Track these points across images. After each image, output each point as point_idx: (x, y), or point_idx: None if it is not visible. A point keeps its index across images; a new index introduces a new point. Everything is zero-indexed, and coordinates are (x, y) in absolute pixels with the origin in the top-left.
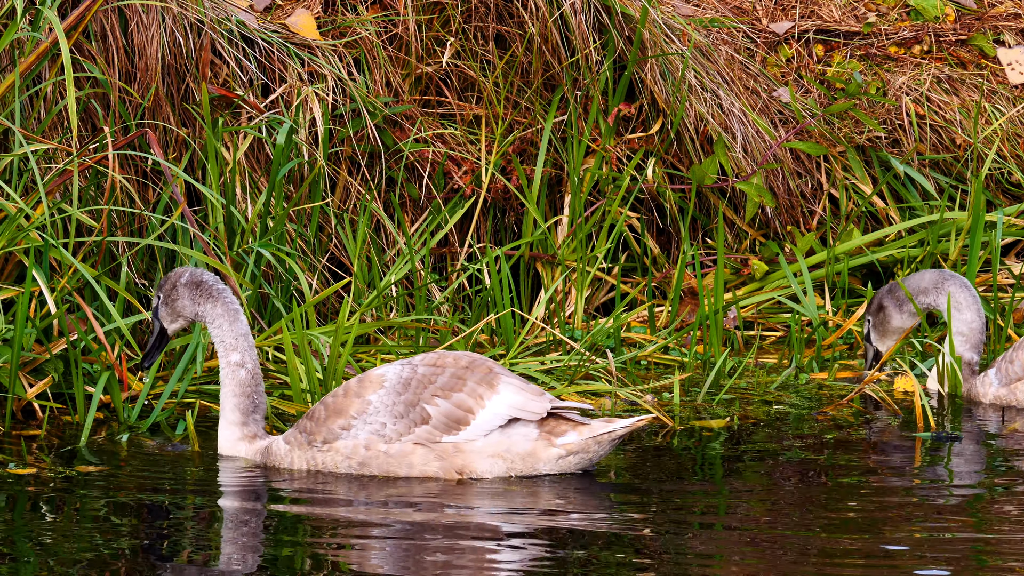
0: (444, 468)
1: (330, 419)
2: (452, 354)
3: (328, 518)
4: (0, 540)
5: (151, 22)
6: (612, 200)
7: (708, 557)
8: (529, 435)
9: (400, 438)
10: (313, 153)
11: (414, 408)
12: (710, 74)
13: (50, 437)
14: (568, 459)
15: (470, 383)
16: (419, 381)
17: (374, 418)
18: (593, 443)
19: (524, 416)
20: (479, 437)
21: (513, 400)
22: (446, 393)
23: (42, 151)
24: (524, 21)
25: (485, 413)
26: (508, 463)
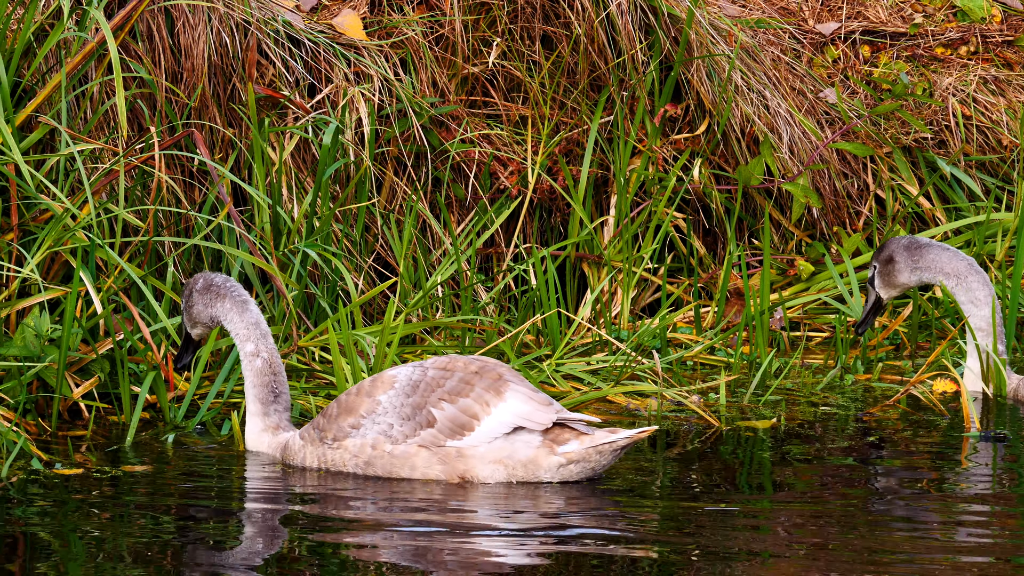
0: (446, 472)
1: (341, 417)
2: (464, 359)
3: (340, 517)
4: (47, 540)
5: (198, 22)
6: (658, 200)
7: (754, 555)
8: (531, 442)
9: (406, 440)
10: (359, 153)
11: (421, 411)
12: (756, 75)
13: (96, 437)
14: (569, 468)
15: (478, 389)
16: (427, 384)
17: (382, 418)
18: (594, 452)
19: (529, 426)
20: (482, 443)
21: (519, 409)
22: (453, 398)
23: (88, 151)
24: (570, 22)
25: (490, 420)
26: (509, 470)
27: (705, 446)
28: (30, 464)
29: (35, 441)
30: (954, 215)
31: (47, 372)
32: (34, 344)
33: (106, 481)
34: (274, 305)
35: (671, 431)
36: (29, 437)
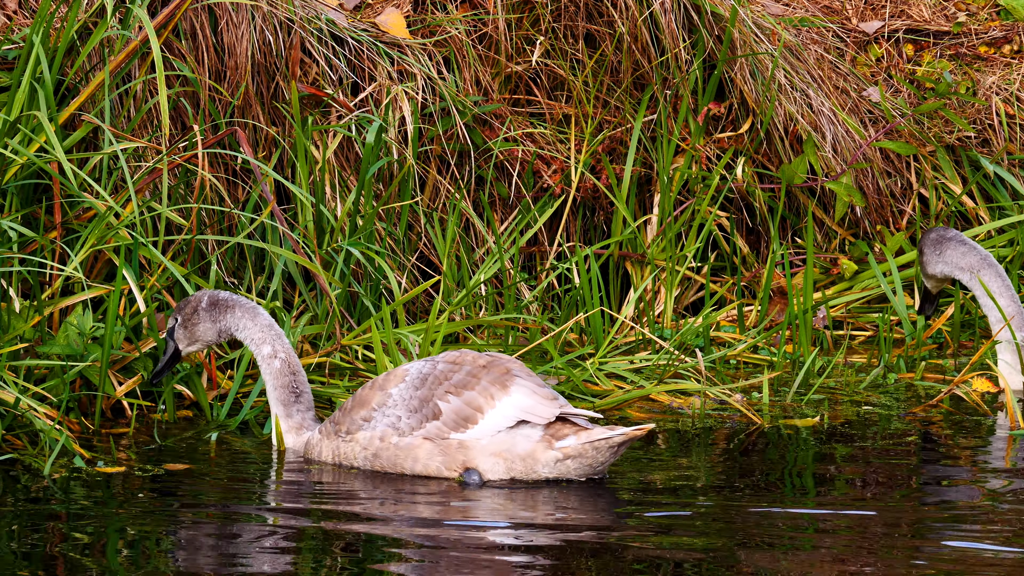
0: (447, 464)
1: (354, 410)
2: (473, 353)
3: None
4: (89, 538)
5: (241, 20)
6: (702, 199)
7: (798, 550)
8: (531, 436)
9: (412, 432)
10: (403, 152)
11: (427, 403)
12: (800, 73)
13: (139, 435)
14: (566, 463)
15: (483, 382)
16: (435, 377)
17: (392, 411)
18: (591, 448)
19: (532, 419)
20: (485, 436)
21: (523, 403)
22: (458, 390)
23: (132, 149)
24: (614, 20)
25: (494, 413)
26: (508, 463)
27: (747, 444)
28: (72, 462)
29: (77, 439)
30: (997, 214)
31: (90, 370)
32: (77, 342)
33: (148, 479)
34: (317, 304)
35: (714, 429)
36: (72, 435)
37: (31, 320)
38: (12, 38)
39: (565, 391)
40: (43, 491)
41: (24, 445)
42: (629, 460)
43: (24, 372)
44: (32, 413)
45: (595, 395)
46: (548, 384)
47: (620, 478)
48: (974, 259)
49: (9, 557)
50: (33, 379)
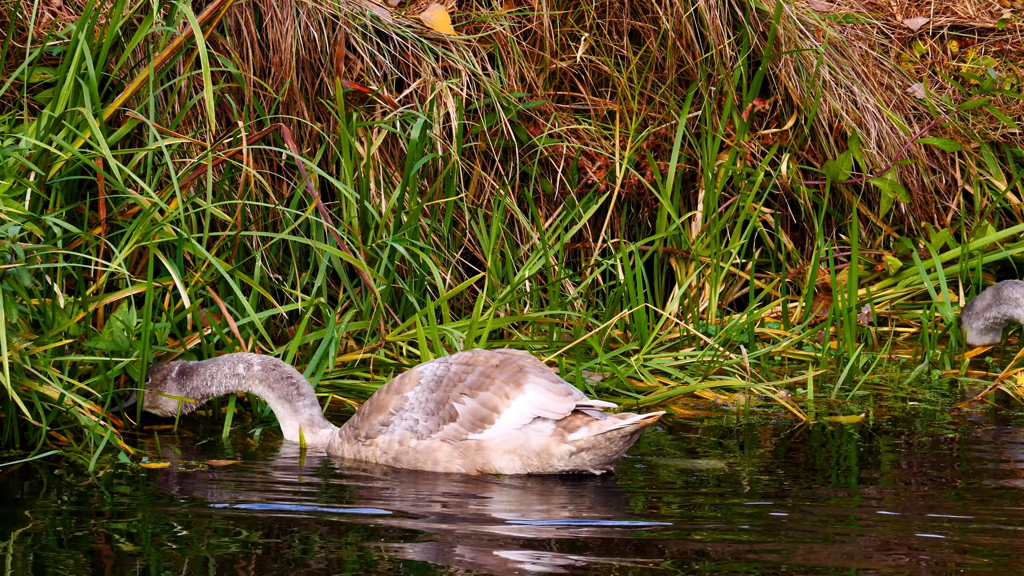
0: (466, 465)
1: (372, 415)
2: (486, 352)
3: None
4: (133, 534)
5: (285, 17)
6: (746, 196)
7: (842, 546)
8: (544, 431)
9: (430, 434)
10: (447, 148)
11: (444, 406)
12: (844, 70)
13: (183, 431)
14: (581, 455)
15: (497, 381)
16: (450, 379)
17: (409, 414)
18: (603, 439)
19: (547, 415)
20: (501, 435)
21: (538, 400)
22: (473, 391)
23: (176, 145)
24: (658, 17)
25: (510, 412)
26: (524, 460)
27: (792, 441)
28: (117, 458)
29: (122, 435)
30: None
31: (134, 366)
32: (122, 338)
33: (192, 475)
34: (362, 300)
35: (758, 425)
36: (116, 431)
37: (76, 316)
38: (57, 34)
39: (610, 387)
40: (88, 487)
41: (69, 441)
42: (674, 455)
43: (69, 368)
44: (77, 409)
45: (639, 391)
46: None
47: (664, 471)
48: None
49: (54, 553)
50: (78, 375)
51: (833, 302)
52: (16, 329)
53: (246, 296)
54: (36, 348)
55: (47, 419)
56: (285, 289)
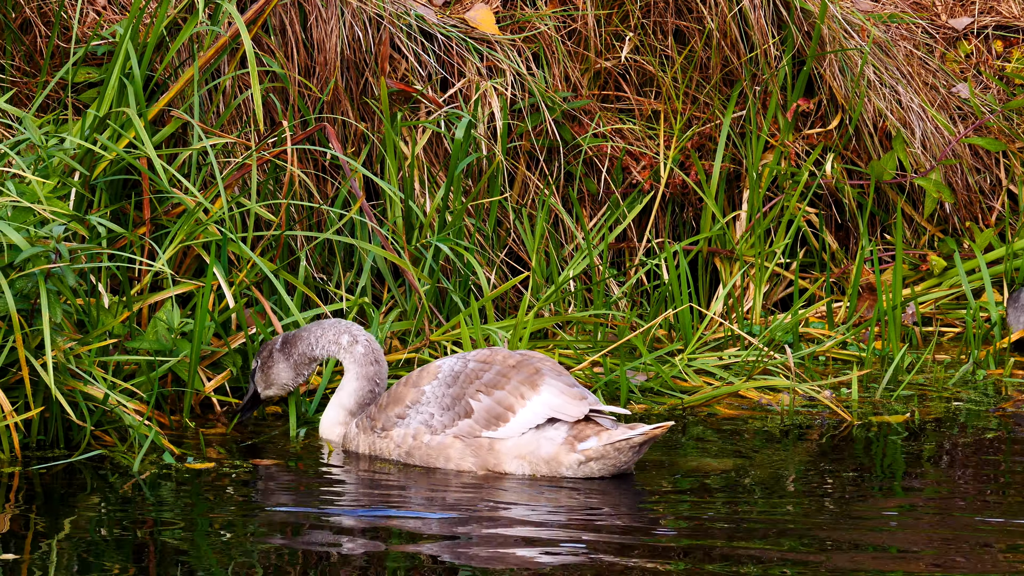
0: (477, 464)
1: (389, 407)
2: (504, 351)
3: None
4: (178, 534)
5: (330, 16)
6: (790, 195)
7: (883, 550)
8: (555, 439)
9: (444, 430)
10: (492, 148)
11: (460, 401)
12: (889, 69)
13: (227, 431)
14: (590, 465)
15: (514, 381)
16: (467, 376)
17: (425, 408)
18: (612, 449)
19: (561, 417)
20: (515, 435)
21: (552, 401)
22: (489, 389)
23: (221, 145)
24: (703, 16)
25: (525, 412)
26: (533, 466)
27: (837, 441)
28: (162, 458)
29: (166, 435)
30: None
31: (179, 366)
32: (166, 338)
33: (237, 475)
34: (406, 300)
35: (803, 425)
36: (161, 431)
37: (120, 316)
38: (102, 34)
39: (654, 387)
40: (132, 487)
41: (113, 441)
42: (719, 456)
43: (113, 368)
44: (121, 409)
45: (684, 391)
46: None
47: (710, 475)
48: None
49: (98, 553)
50: (122, 375)
51: (877, 302)
52: (61, 329)
53: (290, 296)
54: (80, 348)
55: (91, 419)
56: (329, 289)
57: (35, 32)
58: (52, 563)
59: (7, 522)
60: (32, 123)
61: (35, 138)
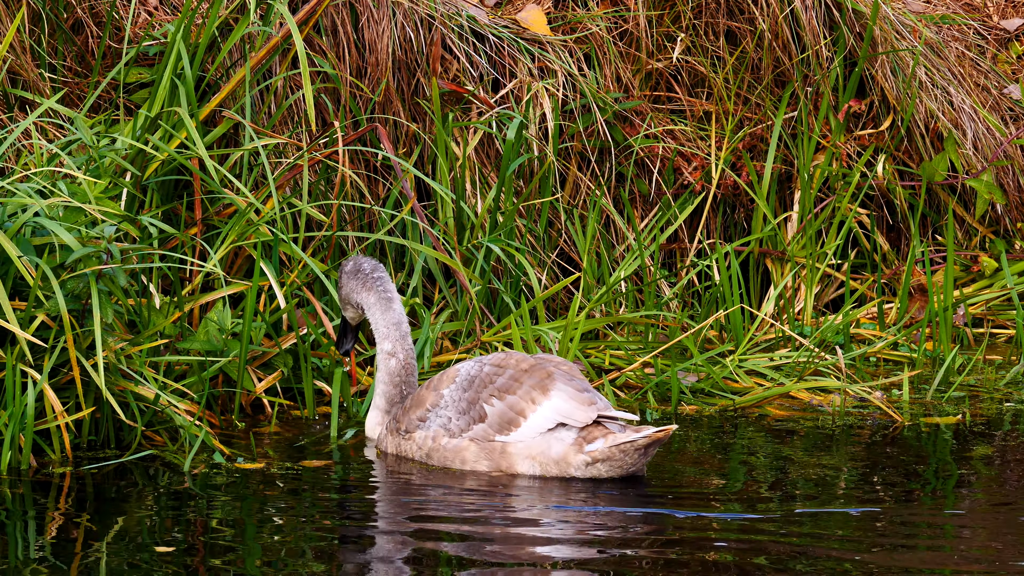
0: (490, 466)
1: (412, 410)
2: (517, 355)
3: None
4: (228, 533)
5: (382, 17)
6: (842, 196)
7: (938, 550)
8: (564, 440)
9: (461, 433)
10: (543, 148)
11: (475, 406)
12: (940, 71)
13: (280, 432)
14: (596, 466)
15: (525, 386)
16: (481, 380)
17: (443, 412)
18: (618, 451)
19: (569, 423)
20: (525, 439)
21: (562, 407)
22: (502, 394)
23: (272, 146)
24: (754, 17)
25: (535, 417)
26: (543, 466)
27: (887, 443)
28: (212, 458)
29: (217, 435)
30: None
31: (230, 367)
32: (217, 339)
33: (286, 476)
34: (457, 300)
35: (854, 426)
36: (211, 431)
37: (171, 316)
38: (154, 34)
39: (705, 388)
40: (183, 487)
41: (164, 441)
42: (768, 456)
43: (164, 368)
44: (172, 409)
45: (735, 392)
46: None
47: (759, 472)
48: None
49: (149, 552)
50: (173, 375)
51: (929, 303)
52: (112, 329)
53: None
54: (132, 348)
55: (142, 419)
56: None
57: (87, 32)
58: (102, 562)
59: (59, 522)
60: (84, 123)
61: (87, 138)
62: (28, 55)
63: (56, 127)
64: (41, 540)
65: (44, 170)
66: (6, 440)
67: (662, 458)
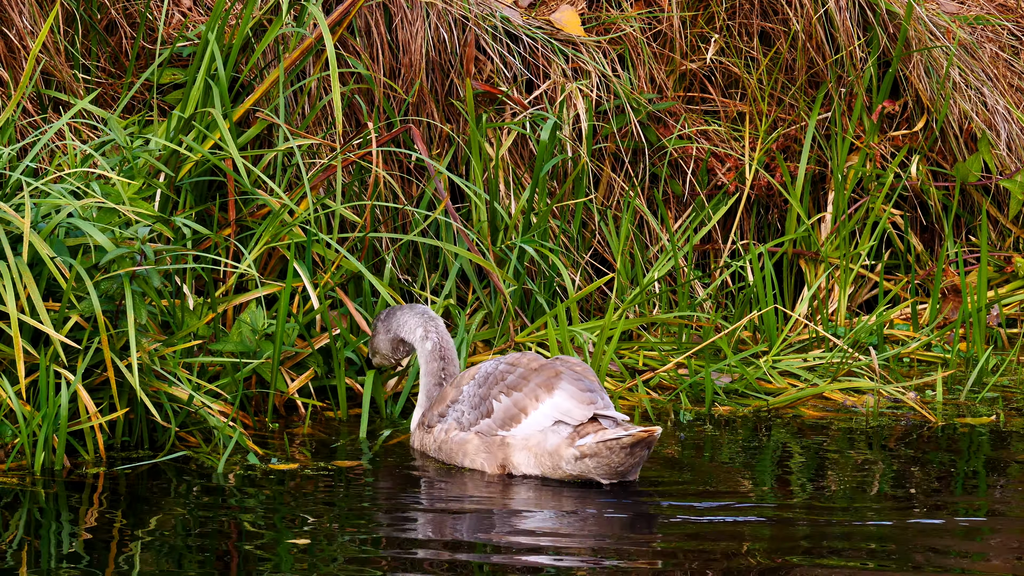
0: (489, 460)
1: (436, 405)
2: (531, 355)
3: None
4: (262, 535)
5: (415, 18)
6: (876, 197)
7: (966, 556)
8: (560, 433)
9: (470, 427)
10: (577, 149)
11: (485, 401)
12: (974, 71)
13: (314, 433)
14: (585, 461)
15: (532, 384)
16: (495, 377)
17: (460, 407)
18: (604, 448)
19: (567, 420)
20: (524, 434)
21: (562, 405)
22: (509, 391)
23: (306, 146)
24: (788, 18)
25: (536, 414)
26: (538, 458)
27: (921, 444)
28: (246, 459)
29: (251, 436)
30: None
31: (263, 367)
32: (250, 339)
33: (320, 477)
34: (491, 301)
35: (887, 427)
36: (245, 432)
37: (205, 317)
38: (187, 35)
39: (739, 388)
40: (216, 488)
41: (198, 442)
42: (802, 454)
43: (198, 369)
44: (206, 410)
45: (768, 393)
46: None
47: (795, 475)
48: None
49: (182, 553)
50: (207, 376)
51: (962, 304)
52: (145, 330)
53: (375, 298)
54: (165, 349)
55: (176, 420)
56: (414, 291)
57: (120, 33)
58: (136, 562)
59: (92, 523)
60: (117, 124)
61: (120, 139)
62: (62, 56)
63: (90, 128)
64: (75, 541)
65: (78, 171)
66: (40, 441)
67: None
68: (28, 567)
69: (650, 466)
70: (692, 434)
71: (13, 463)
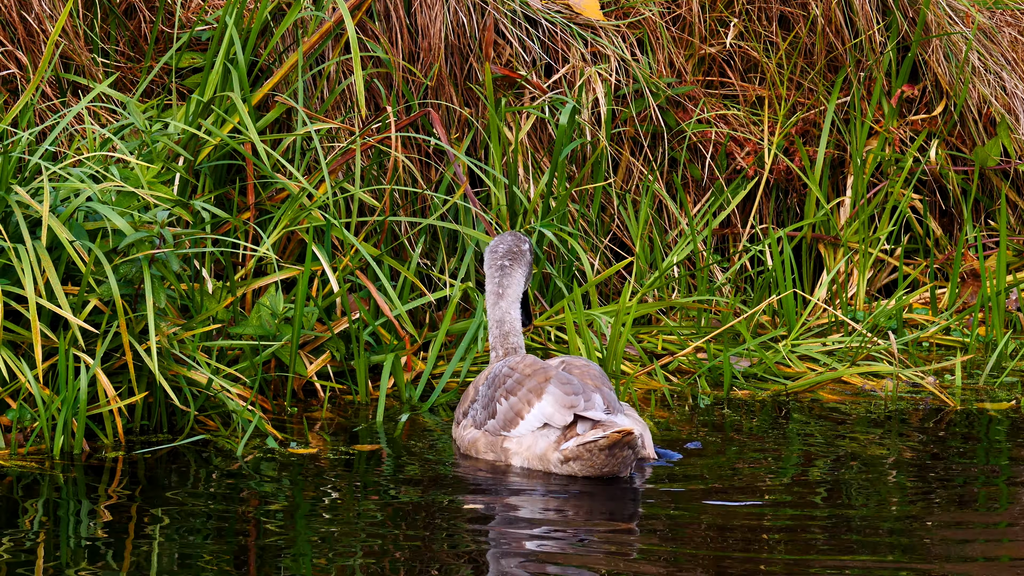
0: (495, 459)
1: (462, 403)
2: (530, 359)
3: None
4: (281, 519)
5: (435, 2)
6: (895, 181)
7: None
8: (548, 437)
9: (480, 426)
10: (596, 133)
11: (492, 402)
12: (993, 56)
13: (333, 416)
14: (570, 464)
15: (524, 389)
16: (499, 379)
17: (476, 405)
18: (584, 451)
19: (552, 423)
20: (519, 437)
21: (546, 410)
22: (508, 395)
23: (325, 130)
24: (808, 2)
25: (529, 418)
26: (529, 461)
27: (940, 429)
28: (265, 443)
29: (270, 420)
30: None
31: (282, 351)
32: (269, 323)
33: (339, 461)
34: None
35: (906, 411)
36: (264, 416)
37: (224, 301)
38: (206, 19)
39: (758, 373)
40: (235, 472)
41: (217, 426)
42: (824, 442)
43: (217, 353)
44: (225, 394)
45: (787, 377)
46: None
47: (815, 459)
48: None
49: (201, 536)
50: (226, 360)
51: (981, 288)
52: (164, 314)
53: (394, 281)
54: (184, 333)
55: (195, 404)
56: (433, 275)
57: (139, 17)
58: (155, 546)
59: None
60: (136, 108)
61: (139, 123)
62: (81, 40)
63: (109, 112)
64: (94, 524)
65: (97, 155)
66: (59, 425)
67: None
68: (47, 551)
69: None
70: (711, 418)
71: (32, 447)
